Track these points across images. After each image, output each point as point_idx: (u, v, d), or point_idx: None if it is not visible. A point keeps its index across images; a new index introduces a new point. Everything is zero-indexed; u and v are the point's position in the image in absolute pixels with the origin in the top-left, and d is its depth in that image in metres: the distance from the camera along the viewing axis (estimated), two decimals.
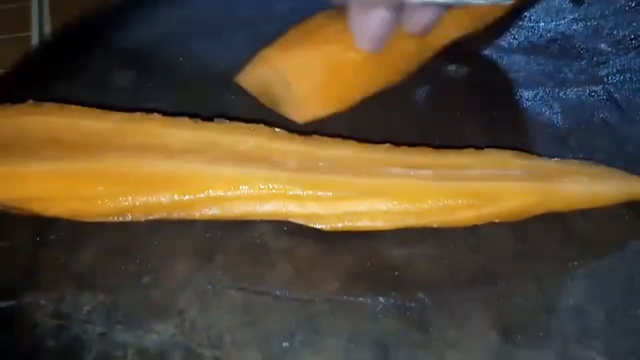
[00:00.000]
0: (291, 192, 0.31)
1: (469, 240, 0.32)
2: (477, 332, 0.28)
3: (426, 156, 0.33)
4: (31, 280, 0.29)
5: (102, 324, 0.28)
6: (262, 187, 0.31)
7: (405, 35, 0.37)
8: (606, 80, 0.41)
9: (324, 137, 0.33)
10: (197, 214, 0.31)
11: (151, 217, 0.31)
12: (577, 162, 0.34)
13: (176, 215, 0.31)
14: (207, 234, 0.32)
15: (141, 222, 0.31)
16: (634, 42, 0.43)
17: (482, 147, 0.34)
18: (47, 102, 0.33)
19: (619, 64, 0.42)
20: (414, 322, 0.29)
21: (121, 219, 0.31)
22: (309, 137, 0.33)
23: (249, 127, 0.33)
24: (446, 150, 0.34)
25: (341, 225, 0.32)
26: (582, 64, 0.42)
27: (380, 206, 0.31)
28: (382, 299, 0.30)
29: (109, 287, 0.29)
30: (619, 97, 0.39)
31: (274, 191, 0.31)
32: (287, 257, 0.31)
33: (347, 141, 0.33)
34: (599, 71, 0.41)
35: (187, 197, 0.30)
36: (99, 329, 0.28)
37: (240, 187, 0.31)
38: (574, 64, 0.42)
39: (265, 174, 0.31)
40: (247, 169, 0.31)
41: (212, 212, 0.31)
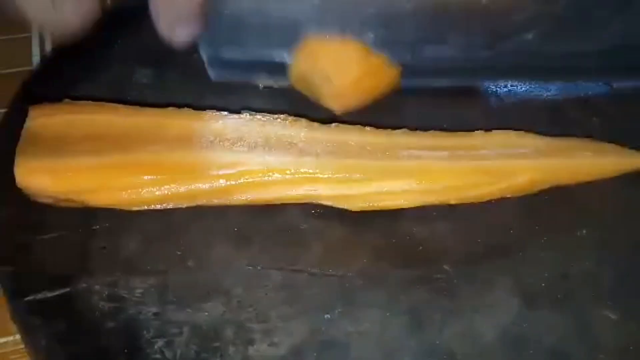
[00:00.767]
0: (321, 176, 0.33)
1: (484, 214, 0.34)
2: (500, 298, 0.31)
3: (440, 139, 0.36)
4: (83, 267, 0.31)
5: (155, 305, 0.30)
6: (293, 171, 0.33)
7: None
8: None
9: (345, 125, 0.36)
10: (234, 199, 0.33)
11: (191, 204, 0.33)
12: (578, 139, 0.37)
13: (215, 201, 0.33)
14: (242, 219, 0.34)
15: (181, 210, 0.33)
16: None
17: (489, 129, 0.37)
18: (83, 101, 0.35)
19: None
20: (442, 291, 0.31)
21: (164, 207, 0.33)
22: (330, 125, 0.35)
23: (274, 117, 0.35)
24: (458, 132, 0.36)
25: (367, 205, 0.34)
26: None
27: (402, 186, 0.34)
28: (409, 272, 0.32)
29: (158, 271, 0.31)
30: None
31: (306, 175, 0.33)
32: (319, 237, 0.33)
33: (366, 128, 0.36)
34: None
35: (225, 184, 0.32)
36: (153, 309, 0.30)
37: (273, 173, 0.33)
38: None
39: (295, 160, 0.33)
40: (278, 157, 0.33)
41: (249, 196, 0.33)
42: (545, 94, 0.42)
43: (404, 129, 0.36)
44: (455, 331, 0.30)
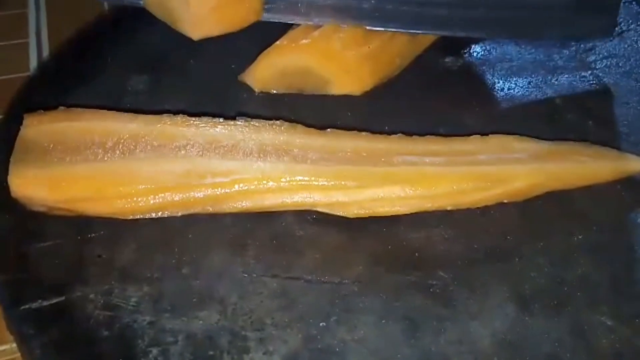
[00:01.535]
0: (316, 183, 0.33)
1: (480, 220, 0.34)
2: (496, 304, 0.31)
3: (436, 144, 0.36)
4: (78, 276, 0.31)
5: (150, 313, 0.30)
6: (288, 179, 0.33)
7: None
8: (594, 65, 0.43)
9: (340, 131, 0.36)
10: (229, 207, 0.33)
11: (186, 212, 0.33)
12: (574, 143, 0.37)
13: (210, 209, 0.33)
14: (237, 226, 0.34)
15: (176, 217, 0.33)
16: (617, 29, 0.46)
17: (485, 133, 0.37)
18: (78, 108, 0.35)
19: (605, 50, 0.44)
20: (438, 297, 0.31)
21: (159, 215, 0.33)
22: (326, 131, 0.35)
23: (270, 124, 0.35)
24: (453, 137, 0.36)
25: (362, 211, 0.34)
26: (570, 51, 0.45)
27: (397, 192, 0.34)
28: (405, 278, 0.32)
29: (153, 279, 0.31)
30: (607, 81, 0.42)
31: (301, 183, 0.33)
32: (314, 244, 0.33)
33: (361, 133, 0.36)
34: (587, 57, 0.44)
35: (220, 192, 0.32)
36: (147, 318, 0.30)
37: (267, 180, 0.33)
38: (563, 52, 0.45)
39: (290, 167, 0.33)
40: (274, 164, 0.33)
41: (243, 204, 0.33)
42: (542, 97, 0.41)
43: (399, 134, 0.36)
44: (451, 338, 0.30)
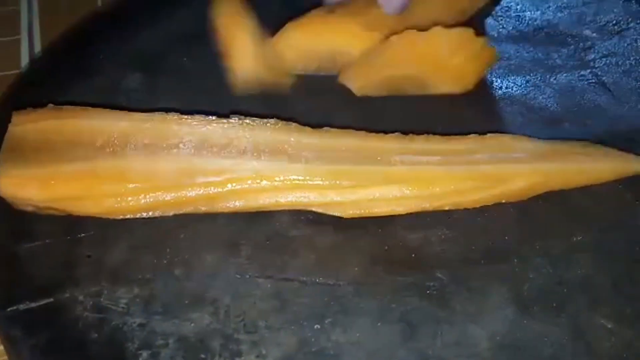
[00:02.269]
0: (311, 182, 0.32)
1: (478, 220, 0.34)
2: (494, 306, 0.30)
3: (434, 143, 0.35)
4: (67, 277, 0.30)
5: (140, 315, 0.29)
6: (282, 178, 0.32)
7: None
8: (593, 64, 0.43)
9: (335, 129, 0.35)
10: (222, 206, 0.32)
11: (178, 212, 0.32)
12: (573, 142, 0.36)
13: (203, 208, 0.32)
14: (231, 226, 0.33)
15: (168, 217, 0.33)
16: (616, 27, 0.46)
17: (481, 132, 0.36)
18: (68, 106, 0.34)
19: (604, 49, 0.44)
20: (435, 299, 0.30)
21: (150, 215, 0.32)
22: (321, 129, 0.35)
23: (264, 122, 0.34)
24: (451, 137, 0.36)
25: (358, 211, 0.33)
26: (569, 49, 0.44)
27: (394, 192, 0.33)
28: (402, 279, 0.31)
29: (144, 280, 0.30)
30: (607, 80, 0.42)
31: (296, 182, 0.32)
32: (309, 244, 0.33)
33: (357, 132, 0.35)
34: (586, 56, 0.44)
35: (212, 191, 0.32)
36: (138, 320, 0.29)
37: (262, 180, 0.32)
38: (562, 50, 0.44)
39: (284, 166, 0.32)
40: (268, 163, 0.32)
41: (237, 204, 0.32)
42: (540, 96, 0.41)
43: (396, 133, 0.35)
44: (448, 340, 0.29)
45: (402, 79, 0.40)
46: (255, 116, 0.35)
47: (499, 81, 0.42)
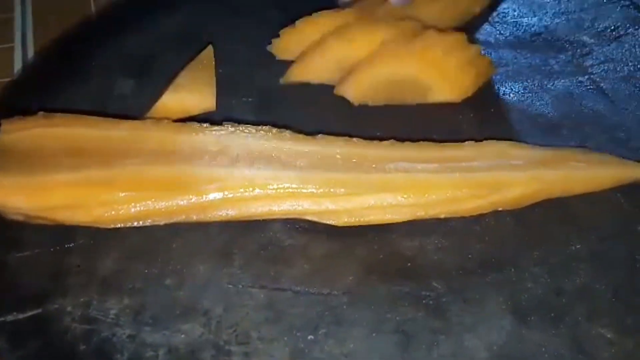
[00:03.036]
0: (304, 191, 0.32)
1: (475, 228, 0.33)
2: (491, 316, 0.30)
3: (429, 150, 0.35)
4: (57, 287, 0.30)
5: (130, 327, 0.29)
6: (276, 187, 0.32)
7: None
8: (591, 70, 0.42)
9: (330, 136, 0.34)
10: (214, 215, 0.32)
11: (170, 221, 0.32)
12: (571, 149, 0.35)
13: (194, 217, 0.32)
14: (224, 235, 0.32)
15: (159, 226, 0.32)
16: (614, 33, 0.45)
17: (477, 139, 0.35)
18: (58, 113, 0.34)
19: (602, 55, 0.44)
20: (431, 309, 0.30)
21: (141, 224, 0.31)
22: (315, 136, 0.34)
23: (257, 129, 0.34)
24: (447, 144, 0.35)
25: (353, 220, 0.33)
26: (567, 55, 0.44)
27: (389, 200, 0.33)
28: (397, 289, 0.31)
29: (134, 290, 0.30)
30: (604, 86, 0.41)
31: (288, 190, 0.32)
32: (303, 253, 0.32)
33: (352, 139, 0.34)
34: (583, 62, 0.43)
35: (204, 199, 0.31)
36: (127, 331, 0.28)
37: (254, 188, 0.32)
38: (559, 56, 0.44)
39: (278, 174, 0.32)
40: (260, 171, 0.32)
41: (229, 213, 0.32)
42: (538, 102, 0.40)
43: (391, 140, 0.35)
44: (445, 351, 0.28)
45: (398, 85, 0.40)
46: (249, 124, 0.35)
47: (497, 88, 0.42)
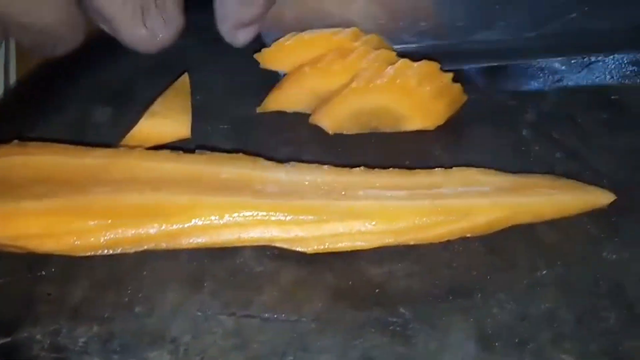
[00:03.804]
0: (274, 218, 0.32)
1: (444, 255, 0.34)
2: (457, 342, 0.30)
3: (399, 177, 0.35)
4: (26, 316, 0.30)
5: (98, 355, 0.29)
6: (245, 214, 0.32)
7: None
8: (562, 97, 0.43)
9: (301, 164, 0.35)
10: (184, 243, 0.32)
11: (140, 249, 0.32)
12: (539, 176, 0.36)
13: (164, 245, 0.32)
14: (194, 262, 0.33)
15: (130, 254, 0.32)
16: (585, 60, 0.46)
17: (448, 166, 0.36)
18: (32, 142, 0.34)
19: (572, 82, 0.44)
20: (398, 335, 0.30)
21: (111, 252, 0.32)
22: (287, 164, 0.35)
23: (229, 157, 0.34)
24: (417, 170, 0.36)
25: (322, 247, 0.33)
26: (538, 82, 0.45)
27: (358, 227, 0.33)
28: (365, 315, 0.31)
29: (103, 318, 0.30)
30: (574, 113, 0.42)
31: (258, 218, 0.32)
32: (273, 280, 0.32)
33: (323, 167, 0.35)
34: (555, 88, 0.44)
35: (174, 227, 0.32)
36: (95, 359, 0.29)
37: (224, 215, 0.32)
38: (531, 83, 0.44)
39: (247, 202, 0.32)
40: (230, 198, 0.32)
41: (199, 240, 0.32)
42: (509, 128, 0.41)
43: (361, 167, 0.35)
44: None
45: (373, 114, 0.40)
46: (224, 151, 0.35)
47: (469, 115, 0.42)
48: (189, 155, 0.34)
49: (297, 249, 0.33)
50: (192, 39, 0.46)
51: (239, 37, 0.40)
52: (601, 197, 0.35)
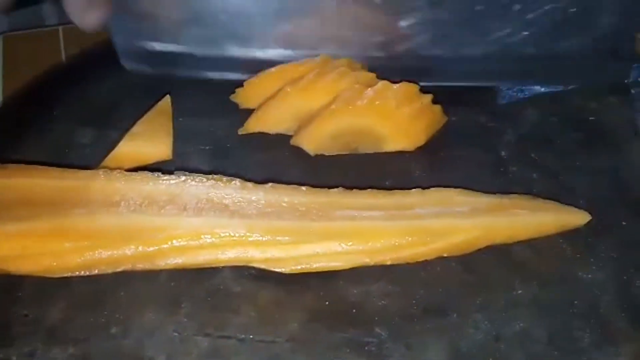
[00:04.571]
0: (251, 239, 0.33)
1: (420, 275, 0.34)
2: None
3: (376, 198, 0.35)
4: (3, 337, 0.30)
5: None
6: (222, 235, 0.32)
7: None
8: (539, 118, 0.44)
9: (279, 185, 0.35)
10: (161, 264, 0.32)
11: (117, 270, 0.32)
12: (516, 196, 0.36)
13: (141, 266, 0.32)
14: (172, 283, 0.33)
15: (107, 275, 0.33)
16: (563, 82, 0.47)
17: (428, 187, 0.36)
18: (12, 164, 0.34)
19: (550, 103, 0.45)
20: (373, 355, 0.30)
21: (88, 273, 0.32)
22: (265, 185, 0.35)
23: (208, 178, 0.34)
24: (394, 191, 0.36)
25: (300, 267, 0.33)
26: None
27: (335, 247, 0.33)
28: (341, 336, 0.31)
29: (79, 340, 0.30)
30: (551, 134, 0.42)
31: (234, 238, 0.32)
32: (250, 301, 0.33)
33: (300, 187, 0.35)
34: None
35: (151, 249, 0.32)
36: None
37: (201, 237, 0.32)
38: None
39: (225, 223, 0.33)
40: (207, 219, 0.33)
41: (176, 261, 0.32)
42: (488, 149, 0.42)
43: (340, 188, 0.36)
44: None
45: (354, 135, 0.41)
46: (205, 173, 0.36)
47: (449, 136, 0.43)
48: (168, 176, 0.34)
49: (275, 270, 0.33)
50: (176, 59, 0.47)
51: (88, 19, 0.39)
52: (577, 217, 0.36)
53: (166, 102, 0.43)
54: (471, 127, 0.44)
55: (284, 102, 0.42)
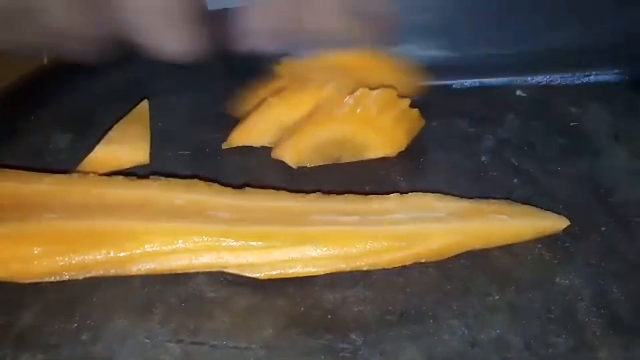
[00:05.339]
0: (225, 244, 0.32)
1: (397, 280, 0.34)
2: None
3: (353, 203, 0.35)
4: None
5: None
6: (196, 240, 0.32)
7: None
8: (521, 125, 0.44)
9: (256, 189, 0.35)
10: (133, 269, 0.32)
11: (88, 275, 0.32)
12: (495, 201, 0.36)
13: (113, 271, 0.32)
14: (145, 289, 0.33)
15: (79, 280, 0.32)
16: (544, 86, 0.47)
17: (406, 191, 0.36)
18: None
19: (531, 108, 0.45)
20: None
21: (59, 278, 0.32)
22: (241, 190, 0.35)
23: (183, 182, 0.34)
24: (372, 196, 0.36)
25: (275, 272, 0.33)
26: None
27: (311, 253, 0.33)
28: (315, 342, 0.31)
29: (49, 346, 0.30)
30: (533, 141, 0.42)
31: (208, 243, 0.32)
32: (224, 306, 0.32)
33: (277, 192, 0.35)
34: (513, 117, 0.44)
35: (123, 254, 0.32)
36: None
37: (175, 241, 0.32)
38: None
39: (199, 228, 0.32)
40: (181, 224, 0.32)
41: (149, 267, 0.32)
42: (468, 154, 0.41)
43: (317, 193, 0.36)
44: None
45: (335, 145, 0.40)
46: (183, 177, 0.35)
47: (430, 142, 0.43)
48: (142, 181, 0.34)
49: (249, 275, 0.33)
50: (155, 65, 0.47)
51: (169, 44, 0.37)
52: (556, 223, 0.35)
53: (143, 106, 0.43)
54: (452, 133, 0.43)
55: (266, 113, 0.41)
